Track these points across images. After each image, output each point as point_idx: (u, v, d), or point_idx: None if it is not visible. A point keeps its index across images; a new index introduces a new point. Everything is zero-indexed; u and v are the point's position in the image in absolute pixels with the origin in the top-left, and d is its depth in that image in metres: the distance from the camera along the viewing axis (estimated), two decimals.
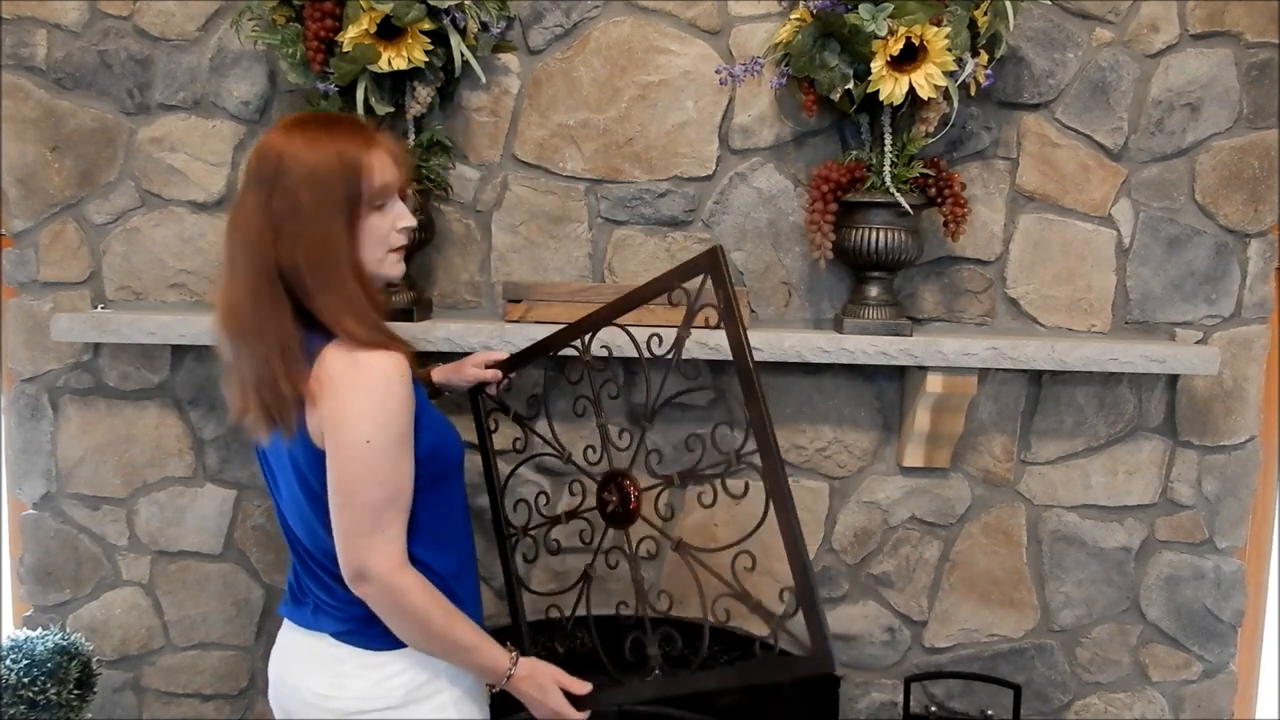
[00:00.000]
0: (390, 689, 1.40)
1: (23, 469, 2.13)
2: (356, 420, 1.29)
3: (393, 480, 1.33)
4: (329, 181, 1.31)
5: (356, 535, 1.32)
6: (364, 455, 1.29)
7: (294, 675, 1.46)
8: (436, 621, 1.37)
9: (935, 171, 1.88)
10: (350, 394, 1.29)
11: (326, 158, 1.32)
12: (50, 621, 2.14)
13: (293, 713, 1.46)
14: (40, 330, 2.06)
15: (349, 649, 1.41)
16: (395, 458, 1.32)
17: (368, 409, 1.30)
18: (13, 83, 2.03)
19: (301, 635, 1.46)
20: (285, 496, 1.44)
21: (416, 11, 1.76)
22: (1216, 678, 2.16)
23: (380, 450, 1.30)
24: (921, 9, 1.73)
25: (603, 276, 2.05)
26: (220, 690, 2.19)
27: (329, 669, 1.42)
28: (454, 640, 1.39)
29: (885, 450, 2.10)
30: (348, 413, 1.29)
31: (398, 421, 1.32)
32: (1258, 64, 1.99)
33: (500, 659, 1.44)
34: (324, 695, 1.41)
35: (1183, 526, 2.12)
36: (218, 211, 2.06)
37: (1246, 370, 2.08)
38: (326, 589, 1.42)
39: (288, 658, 1.48)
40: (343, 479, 1.31)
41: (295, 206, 1.31)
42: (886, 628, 2.15)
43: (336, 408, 1.29)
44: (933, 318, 2.07)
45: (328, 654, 1.42)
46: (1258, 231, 2.04)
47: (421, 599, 1.35)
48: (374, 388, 1.30)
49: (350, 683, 1.40)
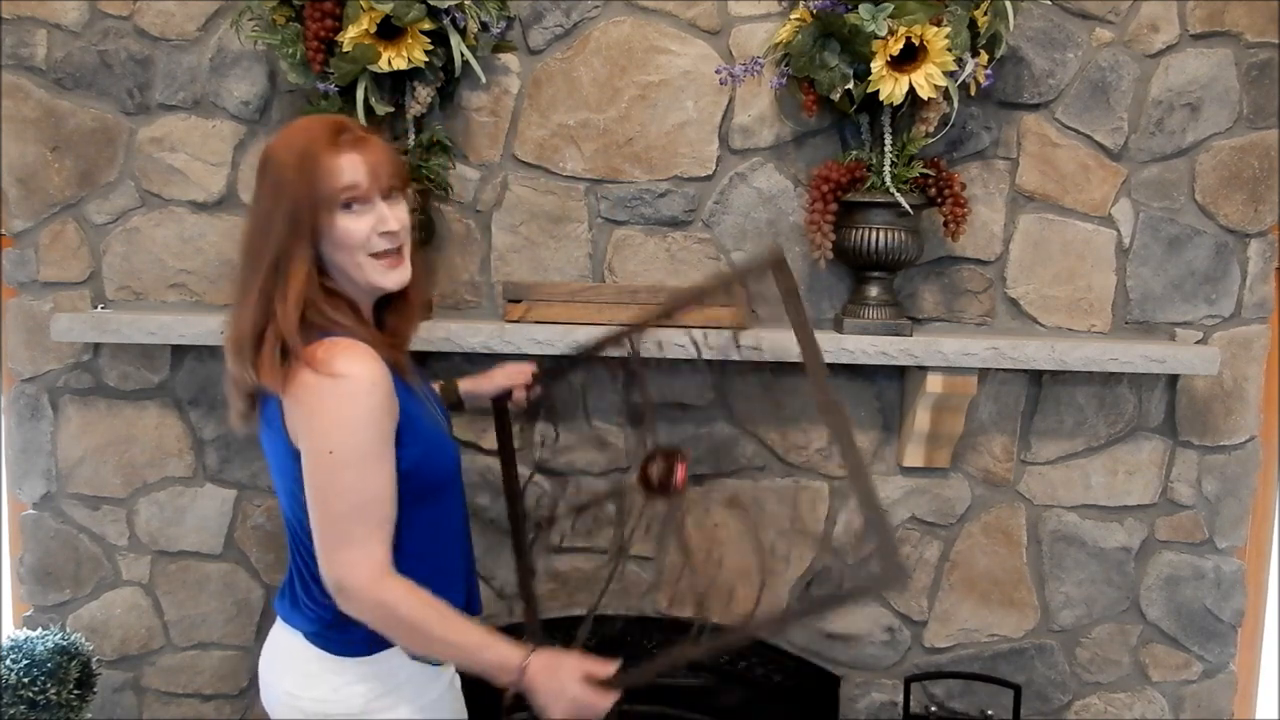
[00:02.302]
0: (348, 696, 1.38)
1: (23, 469, 2.13)
2: (319, 431, 1.26)
3: (358, 492, 1.27)
4: (285, 178, 1.30)
5: (329, 549, 1.29)
6: (326, 466, 1.26)
7: (273, 672, 1.45)
8: (433, 627, 1.31)
9: (935, 171, 1.88)
10: (314, 402, 1.26)
11: (289, 155, 1.31)
12: (50, 621, 2.14)
13: (271, 710, 1.46)
14: (40, 330, 2.06)
15: (316, 651, 1.40)
16: (361, 469, 1.27)
17: (331, 418, 1.26)
18: (13, 83, 2.03)
19: (282, 631, 1.45)
20: (277, 486, 1.42)
21: (416, 11, 1.76)
22: (1216, 678, 2.16)
23: (342, 463, 1.26)
24: (921, 9, 1.73)
25: (603, 277, 2.05)
26: (220, 690, 2.19)
27: (298, 668, 1.41)
28: (456, 643, 1.32)
29: (885, 450, 2.10)
30: (312, 423, 1.27)
31: (364, 432, 1.27)
32: (1258, 64, 1.99)
33: (511, 654, 1.32)
34: (292, 694, 1.41)
35: (1183, 526, 2.12)
36: (218, 211, 2.06)
37: (1246, 370, 2.08)
38: (304, 585, 1.40)
39: (271, 653, 1.48)
40: (310, 488, 1.28)
41: (259, 198, 1.33)
42: (886, 628, 2.15)
43: (301, 415, 1.27)
44: (933, 318, 2.07)
45: (299, 653, 1.41)
46: (1258, 231, 2.04)
47: (409, 608, 1.29)
48: (339, 395, 1.25)
49: (315, 684, 1.39)
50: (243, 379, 1.32)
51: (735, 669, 2.18)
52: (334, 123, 1.35)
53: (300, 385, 1.27)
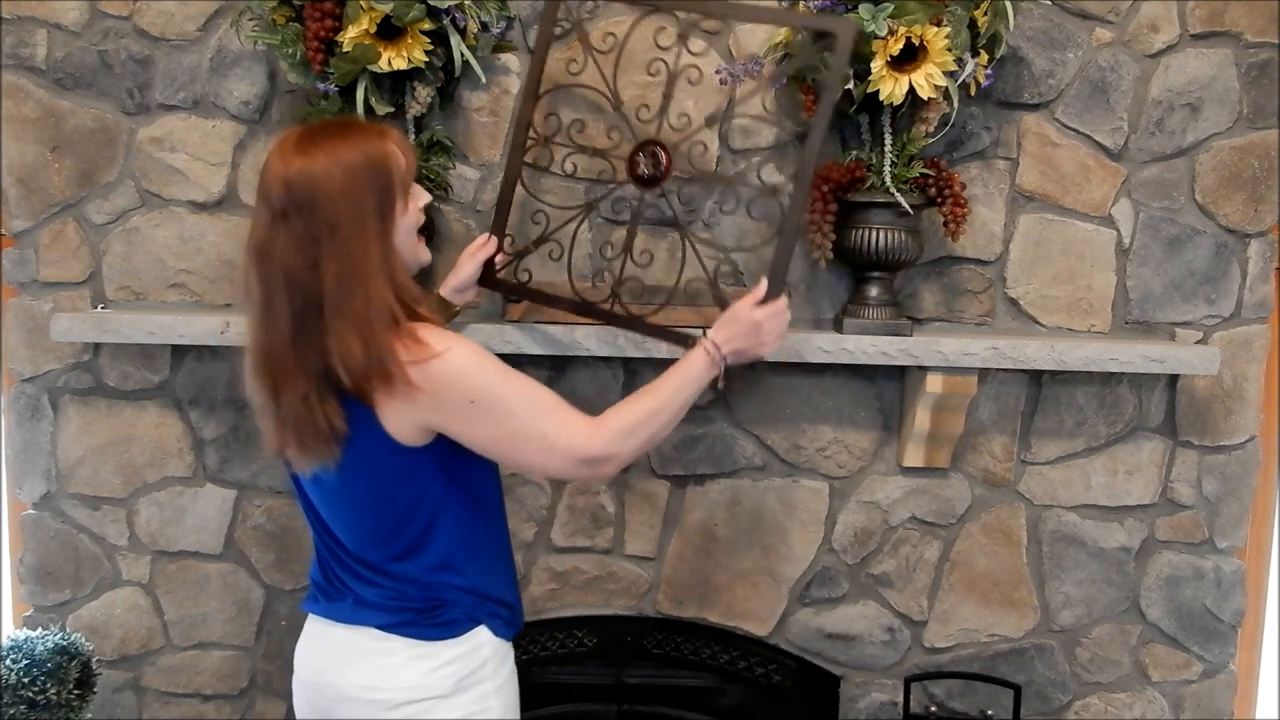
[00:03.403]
0: (440, 679, 1.41)
1: (23, 469, 2.13)
2: (461, 393, 1.32)
3: (521, 397, 1.35)
4: (363, 185, 1.30)
5: (551, 455, 1.36)
6: (484, 409, 1.33)
7: (331, 671, 1.45)
8: (661, 406, 1.41)
9: (935, 171, 1.88)
10: (437, 381, 1.30)
11: (354, 162, 1.30)
12: (50, 621, 2.14)
13: (330, 710, 1.45)
14: (40, 330, 2.06)
15: (400, 640, 1.42)
16: (506, 386, 1.35)
17: (458, 380, 1.32)
18: (13, 83, 2.03)
19: (340, 630, 1.45)
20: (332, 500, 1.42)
21: (416, 11, 1.76)
22: (1216, 678, 2.16)
23: (491, 396, 1.33)
24: (921, 9, 1.73)
25: (603, 277, 2.05)
26: (220, 690, 2.19)
27: (374, 662, 1.42)
28: (677, 397, 1.43)
29: (885, 450, 2.10)
30: (444, 399, 1.31)
31: (488, 366, 1.35)
32: (1258, 64, 1.99)
33: (696, 357, 1.46)
34: (369, 688, 1.41)
35: (1183, 526, 2.12)
36: (218, 211, 2.06)
37: (1246, 370, 2.08)
38: (369, 584, 1.43)
39: (323, 653, 1.47)
40: (491, 440, 1.35)
41: (333, 224, 1.29)
42: (886, 628, 2.15)
43: (427, 402, 1.31)
44: (933, 318, 2.07)
45: (373, 647, 1.42)
46: (1258, 231, 2.04)
47: (635, 416, 1.39)
48: (452, 361, 1.32)
49: (400, 674, 1.41)
50: (324, 418, 1.31)
51: (735, 669, 2.19)
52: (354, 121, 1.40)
53: (418, 377, 1.30)
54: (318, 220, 1.29)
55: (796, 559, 2.12)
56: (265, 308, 1.32)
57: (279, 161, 1.32)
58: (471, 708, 1.43)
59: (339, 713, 1.44)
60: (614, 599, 2.14)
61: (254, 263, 1.33)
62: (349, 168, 1.30)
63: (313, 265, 1.29)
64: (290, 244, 1.29)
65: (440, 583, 1.42)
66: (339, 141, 1.32)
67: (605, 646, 2.19)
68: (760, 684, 2.19)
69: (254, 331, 1.35)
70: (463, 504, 1.43)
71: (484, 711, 1.44)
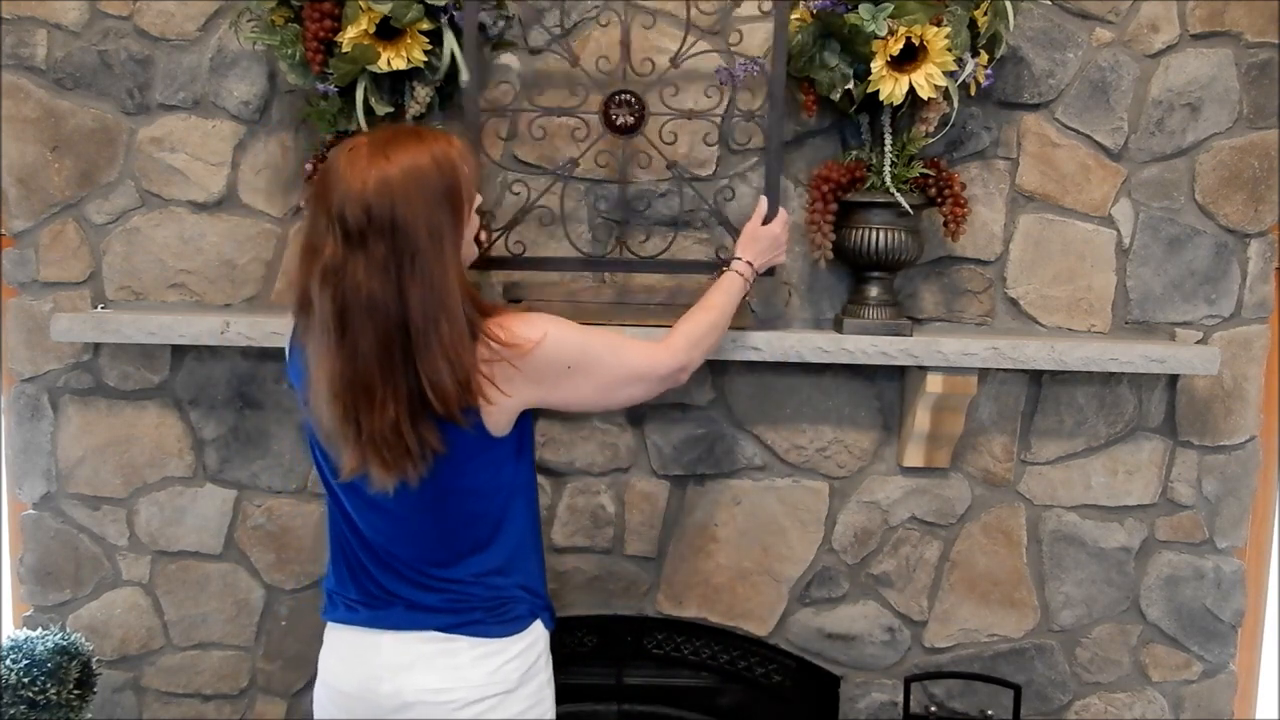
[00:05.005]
0: (506, 674, 1.44)
1: (23, 469, 2.13)
2: (559, 364, 1.39)
3: (602, 343, 1.46)
4: (440, 205, 1.29)
5: (632, 380, 1.48)
6: (581, 371, 1.41)
7: (390, 679, 1.43)
8: (713, 321, 1.62)
9: (935, 171, 1.88)
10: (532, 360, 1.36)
11: (431, 182, 1.28)
12: (50, 621, 2.14)
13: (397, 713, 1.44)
14: (40, 330, 2.06)
15: (465, 640, 1.43)
16: (586, 341, 1.43)
17: (552, 354, 1.38)
18: (13, 83, 2.03)
19: (392, 637, 1.45)
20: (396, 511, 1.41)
21: (415, 12, 1.76)
22: (1216, 678, 2.16)
23: (584, 354, 1.42)
24: (921, 9, 1.72)
25: (603, 277, 2.05)
26: (220, 690, 2.19)
27: (441, 664, 1.43)
28: (726, 310, 1.66)
29: (885, 450, 2.10)
30: (544, 375, 1.38)
31: (570, 333, 1.42)
32: (1258, 64, 1.99)
33: (730, 277, 1.70)
34: (438, 690, 1.42)
35: (1183, 526, 2.12)
36: (218, 211, 2.06)
37: (1246, 370, 2.08)
38: (426, 589, 1.43)
39: (375, 662, 1.45)
40: (591, 391, 1.44)
41: (416, 247, 1.26)
42: (886, 628, 2.15)
43: (524, 382, 1.36)
44: (933, 318, 2.07)
45: (437, 649, 1.43)
46: (1258, 231, 2.04)
47: (697, 331, 1.58)
48: (539, 345, 1.36)
49: (467, 673, 1.43)
50: (415, 440, 1.31)
51: (735, 669, 2.19)
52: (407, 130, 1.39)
53: (523, 367, 1.35)
54: (399, 244, 1.26)
55: (796, 559, 2.12)
56: (340, 333, 1.28)
57: (354, 179, 1.27)
58: (531, 699, 1.47)
59: (404, 714, 1.43)
60: (614, 599, 2.14)
61: (324, 284, 1.28)
62: (426, 189, 1.28)
63: (396, 291, 1.26)
64: (371, 269, 1.26)
65: (504, 581, 1.46)
66: (414, 157, 1.29)
67: (605, 646, 2.19)
68: (760, 684, 2.19)
69: (327, 358, 1.30)
70: (526, 496, 1.50)
71: (541, 702, 1.49)
